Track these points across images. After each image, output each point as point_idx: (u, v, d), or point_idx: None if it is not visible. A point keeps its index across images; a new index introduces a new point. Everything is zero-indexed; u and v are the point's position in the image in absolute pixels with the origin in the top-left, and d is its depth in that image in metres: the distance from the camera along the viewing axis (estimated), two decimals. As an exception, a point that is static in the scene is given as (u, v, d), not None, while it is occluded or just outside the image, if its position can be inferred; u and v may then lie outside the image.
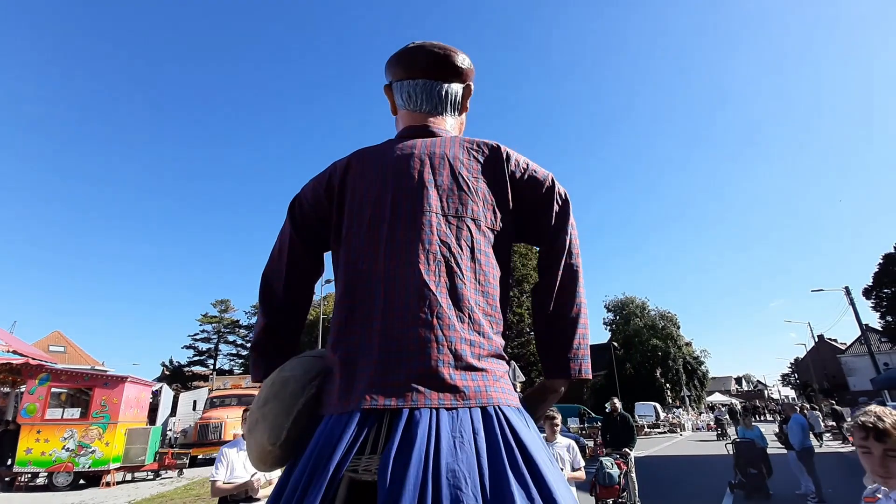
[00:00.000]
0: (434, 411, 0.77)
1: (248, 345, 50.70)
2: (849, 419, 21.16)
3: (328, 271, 1.19)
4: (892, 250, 35.45)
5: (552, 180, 1.15)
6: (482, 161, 1.10)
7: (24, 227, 69.64)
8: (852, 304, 23.31)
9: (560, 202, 1.14)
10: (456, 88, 1.25)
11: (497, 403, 0.83)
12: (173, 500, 7.78)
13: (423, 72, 1.22)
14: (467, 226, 1.00)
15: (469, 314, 0.91)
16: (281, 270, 1.16)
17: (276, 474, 3.18)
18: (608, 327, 46.72)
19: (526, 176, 1.12)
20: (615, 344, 41.23)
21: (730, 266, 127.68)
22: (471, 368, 0.85)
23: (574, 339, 1.02)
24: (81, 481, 10.75)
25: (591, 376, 1.02)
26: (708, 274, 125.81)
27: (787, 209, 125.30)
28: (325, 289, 25.35)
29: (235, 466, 3.17)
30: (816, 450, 8.41)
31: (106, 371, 14.25)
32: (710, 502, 7.37)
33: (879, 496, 1.44)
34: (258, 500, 3.12)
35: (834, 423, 20.36)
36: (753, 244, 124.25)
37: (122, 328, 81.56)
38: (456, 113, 1.27)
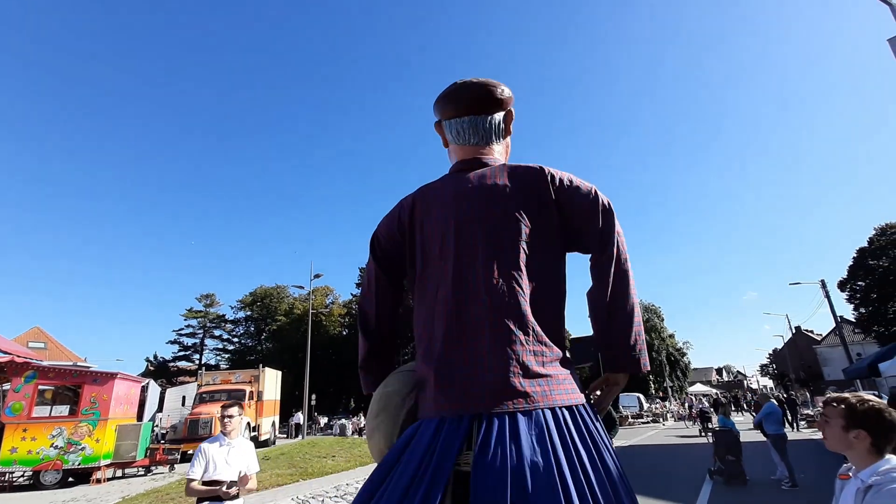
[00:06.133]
0: (510, 415, 0.97)
1: (235, 339, 50.26)
2: (810, 408, 22.12)
3: (321, 268, 1.34)
4: (866, 244, 36.63)
5: (595, 192, 1.24)
6: (529, 185, 1.21)
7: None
8: (828, 296, 24.05)
9: (604, 212, 1.22)
10: (498, 118, 1.36)
11: (560, 405, 1.02)
12: (168, 494, 7.82)
13: (468, 108, 1.34)
14: (522, 249, 1.13)
15: (532, 328, 1.07)
16: (372, 300, 1.38)
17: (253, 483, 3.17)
18: (594, 320, 47.43)
19: (570, 192, 1.22)
20: (600, 336, 41.76)
21: (711, 259, 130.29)
22: (537, 376, 1.03)
23: (632, 337, 1.17)
24: (70, 479, 10.61)
25: (649, 368, 1.19)
26: (690, 266, 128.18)
27: (766, 204, 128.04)
28: (313, 283, 25.37)
29: (217, 463, 3.09)
30: (790, 437, 8.80)
31: (89, 367, 14.07)
32: (691, 489, 7.56)
33: (850, 474, 1.56)
34: (234, 498, 3.07)
35: (809, 412, 21.36)
36: (733, 237, 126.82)
37: (104, 323, 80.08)
38: (501, 139, 1.39)
